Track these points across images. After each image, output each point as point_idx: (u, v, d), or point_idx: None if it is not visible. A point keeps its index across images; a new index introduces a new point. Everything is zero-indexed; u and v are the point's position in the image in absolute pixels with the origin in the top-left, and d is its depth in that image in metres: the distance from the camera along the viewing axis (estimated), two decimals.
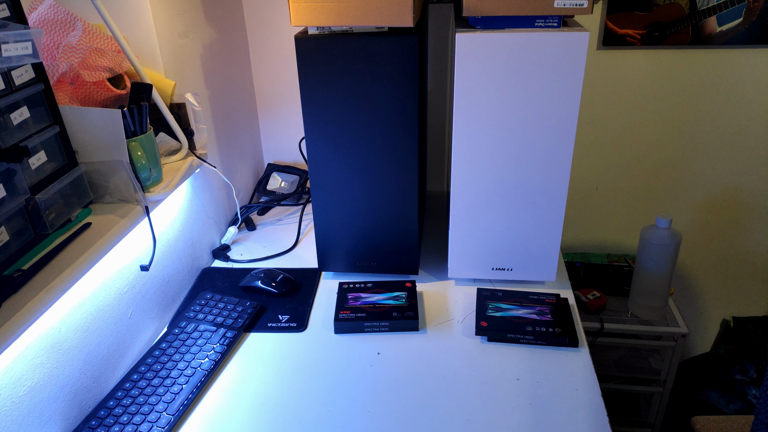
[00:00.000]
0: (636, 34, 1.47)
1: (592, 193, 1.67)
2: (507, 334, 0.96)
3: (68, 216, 0.82)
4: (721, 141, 1.58)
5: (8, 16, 0.71)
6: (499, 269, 1.09)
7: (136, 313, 0.98)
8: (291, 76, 1.46)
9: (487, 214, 1.03)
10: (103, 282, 0.89)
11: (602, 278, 1.60)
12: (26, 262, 0.74)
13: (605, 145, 1.60)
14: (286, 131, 1.53)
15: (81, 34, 0.88)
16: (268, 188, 1.48)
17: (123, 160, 0.85)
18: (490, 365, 0.93)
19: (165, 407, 0.84)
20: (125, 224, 0.85)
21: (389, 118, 0.98)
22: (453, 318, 1.04)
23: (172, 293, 1.10)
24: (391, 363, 0.94)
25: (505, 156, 0.98)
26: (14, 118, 0.72)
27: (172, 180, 0.97)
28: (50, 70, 0.86)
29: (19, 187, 0.72)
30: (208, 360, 0.93)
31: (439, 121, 1.48)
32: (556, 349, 0.95)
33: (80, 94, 0.90)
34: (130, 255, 0.95)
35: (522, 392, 0.87)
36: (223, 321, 1.01)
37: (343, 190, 1.06)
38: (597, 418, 0.82)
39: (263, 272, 1.14)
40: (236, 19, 1.36)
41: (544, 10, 0.88)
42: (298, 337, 1.01)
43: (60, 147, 0.81)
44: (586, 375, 0.90)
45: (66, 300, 0.80)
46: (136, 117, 0.89)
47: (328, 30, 0.93)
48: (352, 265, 1.14)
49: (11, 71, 0.71)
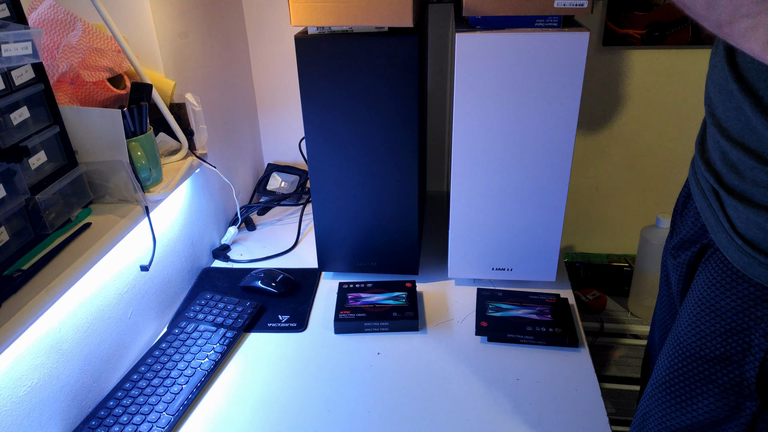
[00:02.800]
0: (636, 34, 1.47)
1: (592, 193, 1.67)
2: (507, 334, 0.96)
3: (68, 216, 0.82)
4: None
5: (8, 16, 0.71)
6: (499, 269, 1.09)
7: (136, 313, 0.98)
8: (291, 76, 1.46)
9: (487, 214, 1.03)
10: (103, 282, 0.89)
11: (602, 278, 1.60)
12: (26, 262, 0.74)
13: (605, 145, 1.60)
14: (286, 131, 1.53)
15: (81, 34, 0.88)
16: (268, 188, 1.48)
17: (123, 160, 0.85)
18: (490, 365, 0.92)
19: (165, 407, 0.84)
20: (125, 224, 0.85)
21: (389, 118, 0.98)
22: (453, 318, 1.04)
23: (172, 293, 1.10)
24: (391, 363, 0.94)
25: (505, 156, 0.97)
26: (14, 118, 0.72)
27: (172, 180, 0.97)
28: (50, 70, 0.86)
29: (19, 187, 0.72)
30: (208, 360, 0.93)
31: (439, 121, 1.48)
32: (556, 349, 0.95)
33: (80, 94, 0.90)
34: (130, 255, 0.95)
35: (522, 392, 0.87)
36: (223, 321, 1.01)
37: (343, 190, 1.06)
38: (597, 418, 0.82)
39: (263, 272, 1.14)
40: (236, 19, 1.36)
41: (544, 10, 0.88)
42: (298, 337, 1.01)
43: (60, 147, 0.81)
44: (586, 375, 0.90)
45: (66, 300, 0.80)
46: (136, 117, 0.89)
47: (328, 30, 0.93)
48: (352, 265, 1.14)
49: (11, 71, 0.71)
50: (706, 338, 0.66)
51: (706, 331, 0.66)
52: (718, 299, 0.65)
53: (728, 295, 0.63)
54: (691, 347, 0.68)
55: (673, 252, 0.78)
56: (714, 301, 0.65)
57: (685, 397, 0.69)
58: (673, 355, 0.71)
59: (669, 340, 0.74)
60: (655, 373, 0.76)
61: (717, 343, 0.65)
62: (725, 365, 0.65)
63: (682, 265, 0.75)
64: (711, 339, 0.66)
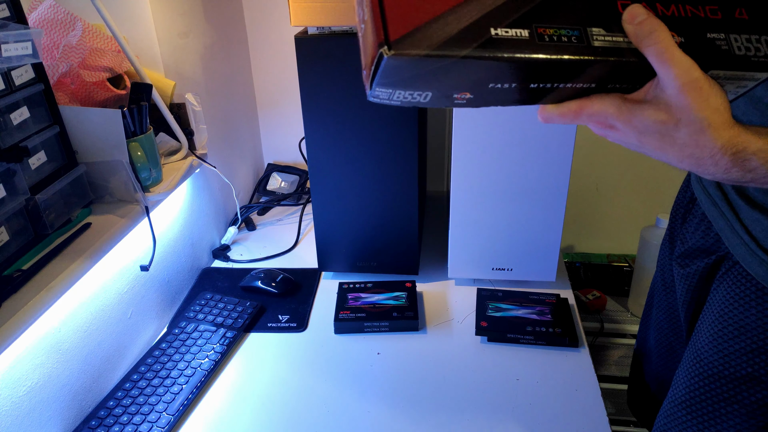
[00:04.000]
0: None
1: (592, 193, 1.67)
2: (507, 334, 0.96)
3: (68, 216, 0.82)
4: None
5: (8, 16, 0.71)
6: (499, 269, 1.09)
7: (136, 313, 0.98)
8: (291, 76, 1.46)
9: (487, 214, 1.03)
10: (103, 282, 0.88)
11: (602, 278, 1.60)
12: (26, 262, 0.74)
13: (605, 145, 1.60)
14: (286, 131, 1.53)
15: (81, 34, 0.88)
16: (268, 188, 1.48)
17: (123, 160, 0.85)
18: (490, 365, 0.92)
19: (165, 407, 0.84)
20: (125, 224, 0.85)
21: (389, 118, 0.98)
22: (453, 318, 1.04)
23: (172, 293, 1.10)
24: (391, 363, 0.94)
25: (505, 156, 0.97)
26: (14, 118, 0.72)
27: (171, 180, 0.97)
28: (50, 70, 0.86)
29: (19, 187, 0.72)
30: (208, 360, 0.93)
31: (439, 121, 1.48)
32: (556, 349, 0.95)
33: (80, 94, 0.90)
34: (130, 255, 0.95)
35: (522, 392, 0.87)
36: (223, 321, 1.01)
37: (343, 190, 1.06)
38: (597, 419, 0.82)
39: (263, 272, 1.14)
40: (236, 18, 1.36)
41: None
42: (298, 337, 1.01)
43: (60, 147, 0.81)
44: (586, 375, 0.90)
45: (66, 300, 0.80)
46: (135, 117, 0.89)
47: (328, 30, 0.93)
48: (352, 265, 1.14)
49: (11, 71, 0.71)
50: (731, 357, 0.63)
51: (729, 349, 0.63)
52: (741, 316, 0.62)
53: (753, 312, 0.61)
54: (714, 366, 0.65)
55: (680, 261, 0.76)
56: (737, 318, 0.62)
57: (708, 417, 0.67)
58: (694, 373, 0.68)
59: (687, 356, 0.71)
60: (674, 390, 0.73)
61: (743, 362, 0.62)
62: (752, 385, 0.62)
63: (693, 276, 0.73)
64: (736, 358, 0.63)
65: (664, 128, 0.43)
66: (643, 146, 0.46)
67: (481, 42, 0.41)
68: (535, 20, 0.43)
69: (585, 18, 0.44)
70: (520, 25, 0.42)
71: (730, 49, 0.44)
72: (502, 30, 0.42)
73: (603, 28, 0.43)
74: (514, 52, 0.42)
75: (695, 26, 0.45)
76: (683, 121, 0.42)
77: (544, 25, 0.43)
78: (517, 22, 0.42)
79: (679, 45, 0.43)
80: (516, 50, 0.42)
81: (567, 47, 0.42)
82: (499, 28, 0.42)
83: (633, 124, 0.44)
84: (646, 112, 0.44)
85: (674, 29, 0.44)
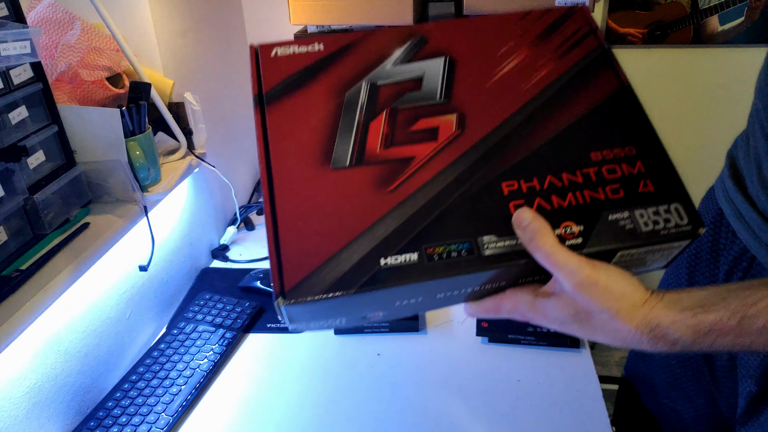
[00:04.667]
0: (637, 33, 1.47)
1: None
2: (508, 335, 0.96)
3: (66, 216, 0.81)
4: (722, 140, 1.58)
5: (7, 15, 0.70)
6: None
7: (134, 314, 0.97)
8: None
9: None
10: (102, 282, 0.88)
11: None
12: (24, 262, 0.73)
13: None
14: None
15: (79, 33, 0.88)
16: None
17: (121, 160, 0.85)
18: (491, 366, 0.92)
19: (164, 408, 0.84)
20: (124, 224, 0.85)
21: None
22: (453, 319, 1.03)
23: (170, 293, 1.09)
24: (392, 364, 0.94)
25: None
26: (13, 118, 0.72)
27: (170, 180, 0.97)
28: (49, 69, 0.85)
29: (18, 186, 0.72)
30: (207, 361, 0.92)
31: None
32: (558, 351, 0.95)
33: (79, 93, 0.90)
34: (128, 255, 0.94)
35: (523, 393, 0.87)
36: (222, 322, 1.01)
37: None
38: (598, 419, 0.82)
39: (262, 272, 1.13)
40: (236, 18, 1.36)
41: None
42: (297, 338, 1.00)
43: (58, 146, 0.80)
44: (587, 376, 0.89)
45: (64, 300, 0.80)
46: (134, 116, 0.89)
47: (327, 28, 0.93)
48: None
49: (10, 70, 0.71)
50: None
51: None
52: None
53: None
54: None
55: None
56: None
57: None
58: None
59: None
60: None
61: None
62: None
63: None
64: None
65: (578, 318, 0.44)
66: (569, 332, 0.46)
67: (371, 275, 0.42)
68: (425, 240, 0.43)
69: (477, 227, 0.43)
70: (410, 249, 0.42)
71: (636, 227, 0.43)
72: (392, 258, 0.42)
73: (495, 234, 0.43)
74: (401, 280, 0.42)
75: (596, 211, 0.44)
76: (593, 313, 0.43)
77: (434, 244, 0.43)
78: (407, 247, 0.43)
79: (578, 234, 0.43)
80: (404, 277, 0.42)
81: (457, 263, 0.42)
82: (389, 257, 0.42)
83: (549, 318, 0.45)
84: (557, 306, 0.44)
85: (573, 218, 0.43)
